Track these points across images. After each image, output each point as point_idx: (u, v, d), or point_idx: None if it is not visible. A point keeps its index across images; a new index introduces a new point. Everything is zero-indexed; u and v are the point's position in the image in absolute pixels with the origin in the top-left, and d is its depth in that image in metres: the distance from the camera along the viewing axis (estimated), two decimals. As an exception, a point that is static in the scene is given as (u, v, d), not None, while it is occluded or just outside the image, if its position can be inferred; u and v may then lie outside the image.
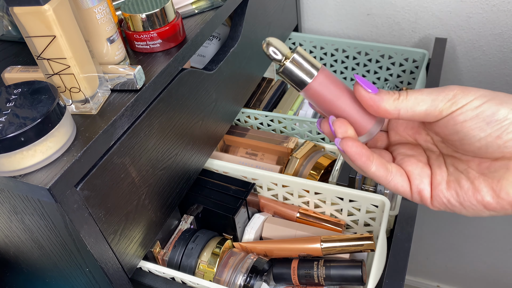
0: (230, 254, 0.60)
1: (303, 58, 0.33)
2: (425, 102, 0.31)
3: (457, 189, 0.32)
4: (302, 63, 0.33)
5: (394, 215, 0.60)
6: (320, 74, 0.33)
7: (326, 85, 0.33)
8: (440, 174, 0.34)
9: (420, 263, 1.39)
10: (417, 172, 0.34)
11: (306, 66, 0.33)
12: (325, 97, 0.33)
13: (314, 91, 0.33)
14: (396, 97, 0.32)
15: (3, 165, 0.37)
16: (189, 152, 0.58)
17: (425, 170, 0.34)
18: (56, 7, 0.37)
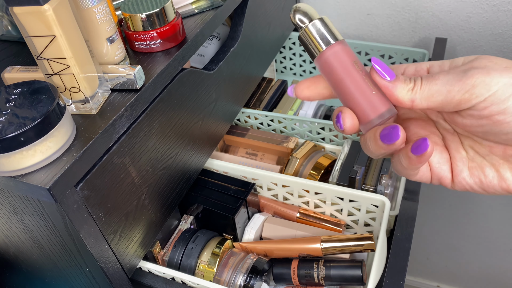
0: (230, 254, 0.60)
1: (325, 26, 0.31)
2: (439, 93, 0.28)
3: (481, 177, 0.30)
4: (323, 30, 0.31)
5: (394, 215, 0.60)
6: (337, 44, 0.31)
7: (340, 57, 0.31)
8: (460, 160, 0.31)
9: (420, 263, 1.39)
10: (436, 159, 0.32)
11: (326, 34, 0.31)
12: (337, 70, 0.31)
13: (326, 61, 0.31)
14: (411, 86, 0.29)
15: (3, 165, 0.37)
16: (189, 152, 0.58)
17: (443, 155, 0.32)
18: (56, 7, 0.36)
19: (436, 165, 0.32)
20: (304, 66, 0.96)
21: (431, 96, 0.28)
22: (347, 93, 0.31)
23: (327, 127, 0.72)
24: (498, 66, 0.27)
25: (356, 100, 0.31)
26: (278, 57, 0.97)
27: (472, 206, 1.12)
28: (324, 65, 0.31)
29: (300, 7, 0.32)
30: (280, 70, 0.99)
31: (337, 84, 0.31)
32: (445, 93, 0.28)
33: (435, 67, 0.32)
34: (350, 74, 0.30)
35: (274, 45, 0.82)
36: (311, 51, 0.32)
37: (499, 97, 0.26)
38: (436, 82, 0.28)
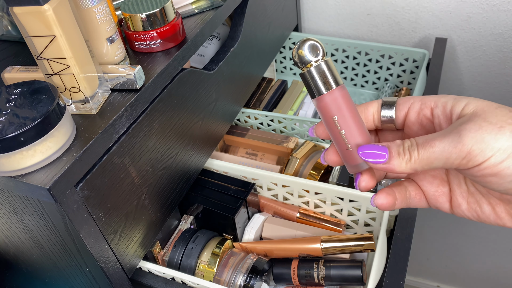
0: (230, 254, 0.60)
1: (329, 69, 0.32)
2: (439, 160, 0.29)
3: (478, 211, 0.32)
4: (326, 72, 0.32)
5: (394, 215, 0.60)
6: (338, 89, 0.32)
7: (325, 109, 0.32)
8: (460, 195, 0.33)
9: (420, 263, 1.39)
10: (431, 192, 0.34)
11: (329, 77, 0.32)
12: (323, 117, 0.33)
13: (325, 104, 0.33)
14: (407, 158, 0.30)
15: (3, 165, 0.37)
16: (189, 152, 0.58)
17: (441, 188, 0.34)
18: (56, 7, 0.36)
19: (431, 197, 0.34)
20: (304, 66, 0.96)
21: (431, 163, 0.29)
22: (332, 139, 0.34)
23: (327, 127, 0.72)
24: (493, 127, 0.28)
25: (338, 148, 0.34)
26: (278, 57, 0.97)
27: (472, 206, 1.12)
28: (317, 109, 0.33)
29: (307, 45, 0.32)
30: (280, 70, 0.99)
31: (326, 128, 0.34)
32: (444, 160, 0.29)
33: (438, 110, 0.32)
34: (331, 126, 0.33)
35: (274, 45, 0.82)
36: (310, 91, 0.33)
37: (493, 162, 0.27)
38: (434, 151, 0.29)
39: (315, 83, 0.32)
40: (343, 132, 0.32)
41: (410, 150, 0.30)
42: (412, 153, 0.30)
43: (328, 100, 0.32)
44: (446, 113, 0.31)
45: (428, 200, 0.34)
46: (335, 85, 0.32)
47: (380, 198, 0.34)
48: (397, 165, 0.30)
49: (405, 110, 0.34)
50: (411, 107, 0.33)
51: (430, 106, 0.33)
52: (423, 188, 0.35)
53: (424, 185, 0.34)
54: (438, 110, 0.32)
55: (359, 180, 0.33)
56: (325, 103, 0.32)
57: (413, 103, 0.33)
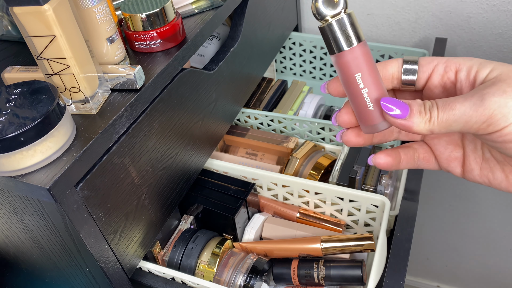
0: (230, 254, 0.60)
1: (352, 23, 0.30)
2: (458, 123, 0.28)
3: (490, 177, 0.32)
4: (348, 27, 0.30)
5: (394, 215, 0.60)
6: (362, 45, 0.30)
7: (348, 66, 0.30)
8: (474, 160, 0.32)
9: (420, 263, 1.39)
10: (444, 156, 0.33)
11: (352, 32, 0.30)
12: (344, 76, 0.31)
13: (337, 64, 0.31)
14: (427, 118, 0.29)
15: (3, 165, 0.37)
16: (189, 152, 0.58)
17: (454, 153, 0.33)
18: (56, 7, 0.36)
19: (443, 160, 0.33)
20: (304, 66, 0.96)
21: (449, 125, 0.28)
22: (350, 98, 0.32)
23: (327, 127, 0.72)
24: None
25: (355, 108, 0.32)
26: (278, 57, 0.97)
27: (472, 206, 1.12)
28: (336, 65, 0.32)
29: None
30: (280, 70, 0.99)
31: (344, 86, 0.32)
32: (463, 123, 0.28)
33: (462, 74, 0.31)
34: (351, 84, 0.31)
35: (274, 45, 0.82)
36: (330, 47, 0.31)
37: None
38: (454, 113, 0.28)
39: (335, 39, 0.30)
40: (365, 90, 0.31)
41: (430, 110, 0.29)
42: (432, 113, 0.29)
43: (352, 56, 0.30)
44: (469, 78, 0.31)
45: (440, 163, 0.34)
46: (358, 41, 0.30)
47: (379, 158, 0.33)
48: (416, 123, 0.29)
49: (428, 71, 0.32)
50: (435, 69, 0.32)
51: (455, 68, 0.31)
52: (435, 152, 0.34)
53: (438, 149, 0.34)
54: (462, 73, 0.31)
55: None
56: (348, 59, 0.30)
57: (438, 65, 0.32)
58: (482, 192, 1.08)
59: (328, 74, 0.94)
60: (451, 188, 1.10)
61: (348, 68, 0.30)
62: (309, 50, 0.93)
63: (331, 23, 0.30)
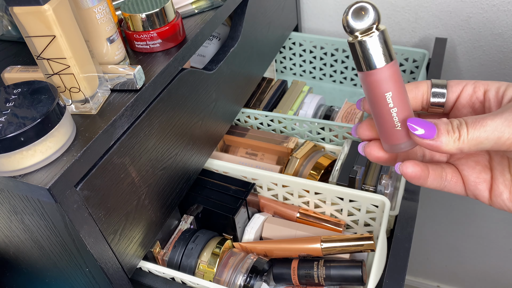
0: (230, 254, 0.60)
1: (385, 41, 0.29)
2: (489, 140, 0.27)
3: None
4: (380, 45, 0.28)
5: (394, 215, 0.60)
6: (394, 64, 0.29)
7: (393, 78, 0.29)
8: (503, 183, 0.31)
9: (420, 263, 1.39)
10: (472, 179, 0.32)
11: (384, 50, 0.29)
12: (371, 94, 0.30)
13: (378, 79, 0.29)
14: (456, 137, 0.28)
15: (3, 165, 0.37)
16: (189, 152, 0.58)
17: (483, 175, 0.32)
18: (56, 7, 0.36)
19: (471, 183, 0.32)
20: (304, 66, 0.96)
21: (480, 143, 0.28)
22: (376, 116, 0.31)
23: (327, 127, 0.72)
24: None
25: (380, 126, 0.31)
26: (278, 57, 0.97)
27: (472, 206, 1.12)
28: (364, 83, 0.31)
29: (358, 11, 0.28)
30: (280, 70, 0.99)
31: (370, 104, 0.31)
32: (495, 140, 0.27)
33: (491, 93, 0.31)
34: (380, 103, 0.30)
35: (274, 45, 0.82)
36: (358, 64, 0.30)
37: None
38: (485, 129, 0.27)
39: (366, 56, 0.29)
40: (395, 110, 0.30)
41: (459, 129, 0.28)
42: (462, 132, 0.28)
43: (383, 75, 0.29)
44: (498, 97, 0.30)
45: (467, 187, 0.32)
46: (391, 59, 0.29)
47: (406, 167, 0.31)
48: (445, 143, 0.28)
49: (457, 92, 0.32)
50: (464, 89, 0.32)
51: (484, 88, 0.31)
52: (463, 173, 0.33)
53: (465, 170, 0.33)
54: (491, 93, 0.31)
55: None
56: (379, 78, 0.29)
57: (466, 86, 0.32)
58: (482, 192, 1.07)
59: (328, 74, 0.94)
60: (451, 188, 1.10)
61: (378, 87, 0.30)
62: (309, 50, 0.93)
63: (363, 41, 0.28)
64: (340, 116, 0.78)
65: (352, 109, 0.78)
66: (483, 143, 0.28)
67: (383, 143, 0.32)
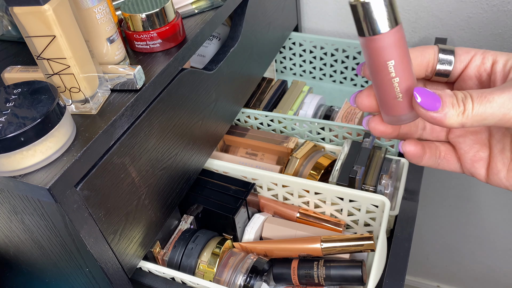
0: (230, 254, 0.60)
1: (390, 3, 0.26)
2: (494, 116, 0.26)
3: None
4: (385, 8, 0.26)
5: (394, 215, 0.60)
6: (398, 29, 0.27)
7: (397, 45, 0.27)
8: (501, 161, 0.30)
9: (420, 263, 1.39)
10: (468, 156, 0.31)
11: (388, 14, 0.26)
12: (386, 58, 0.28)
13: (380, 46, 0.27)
14: (461, 110, 0.27)
15: (3, 165, 0.37)
16: (189, 152, 0.58)
17: (480, 154, 0.31)
18: (56, 7, 0.36)
19: (468, 161, 0.32)
20: (304, 66, 0.96)
21: (485, 119, 0.27)
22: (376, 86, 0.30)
23: (327, 127, 0.72)
24: None
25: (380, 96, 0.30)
26: (278, 57, 0.97)
27: (472, 206, 1.12)
28: (365, 49, 0.29)
29: None
30: (280, 70, 0.99)
31: (371, 72, 0.29)
32: (501, 116, 0.26)
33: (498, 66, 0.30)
34: (381, 71, 0.28)
35: (274, 45, 0.82)
36: (360, 28, 0.28)
37: None
38: (491, 105, 0.26)
39: (369, 20, 0.26)
40: (396, 79, 0.28)
41: (464, 103, 0.27)
42: (467, 105, 0.27)
43: (386, 42, 0.27)
44: (505, 71, 0.29)
45: (463, 164, 0.32)
46: (395, 24, 0.27)
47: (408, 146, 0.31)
48: (449, 116, 0.27)
49: (465, 61, 0.31)
50: (472, 59, 0.30)
51: (492, 59, 0.30)
52: (460, 152, 0.32)
53: (462, 148, 0.32)
54: (498, 65, 0.30)
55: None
56: (381, 45, 0.27)
57: (475, 55, 0.30)
58: (482, 192, 1.08)
59: (328, 74, 0.94)
60: (451, 188, 1.10)
61: (380, 54, 0.27)
62: (309, 50, 0.93)
63: (366, 2, 0.26)
64: (340, 116, 0.78)
65: (352, 109, 0.78)
66: (488, 119, 0.27)
67: (383, 114, 0.31)
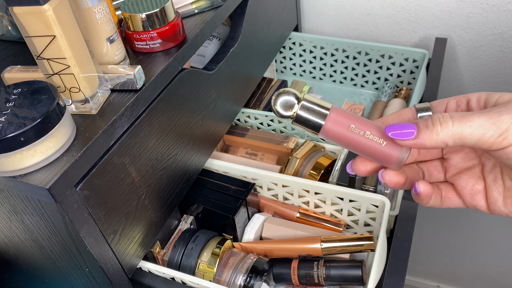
0: (230, 254, 0.60)
1: (312, 103, 0.33)
2: (473, 136, 0.29)
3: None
4: (312, 107, 0.33)
5: (394, 215, 0.60)
6: (331, 113, 0.33)
7: (340, 122, 0.33)
8: (496, 190, 0.33)
9: (420, 263, 1.39)
10: (467, 191, 0.34)
11: (317, 109, 0.33)
12: (343, 135, 0.33)
13: (330, 131, 0.33)
14: (437, 130, 0.29)
15: (3, 165, 0.37)
16: (189, 152, 0.58)
17: (477, 186, 0.34)
18: (56, 7, 0.36)
19: (467, 195, 0.34)
20: (304, 66, 0.96)
21: (464, 138, 0.29)
22: (364, 147, 0.33)
23: (327, 127, 0.72)
24: None
25: (371, 155, 0.33)
26: (278, 57, 0.97)
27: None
28: (327, 138, 0.33)
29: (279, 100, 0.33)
30: (280, 70, 0.99)
31: (348, 147, 0.33)
32: (479, 136, 0.29)
33: (473, 102, 0.33)
34: (353, 139, 0.32)
35: (274, 45, 0.82)
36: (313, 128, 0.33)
37: None
38: (471, 125, 0.29)
39: (310, 122, 0.33)
40: (368, 133, 0.32)
41: (441, 121, 0.29)
42: (444, 124, 0.29)
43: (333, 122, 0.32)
44: (480, 105, 0.32)
45: (464, 199, 0.35)
46: (327, 110, 0.33)
47: (422, 186, 0.33)
48: (427, 138, 0.29)
49: (442, 110, 0.34)
50: (448, 105, 0.34)
51: (465, 100, 0.33)
52: (458, 188, 0.35)
53: (460, 184, 0.35)
54: (472, 102, 0.33)
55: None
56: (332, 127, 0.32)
57: (449, 102, 0.34)
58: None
59: (328, 74, 0.94)
60: (451, 188, 1.10)
61: (338, 132, 0.32)
62: (309, 50, 0.93)
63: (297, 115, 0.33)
64: (340, 116, 0.78)
65: (352, 109, 0.78)
66: (467, 138, 0.29)
67: (388, 166, 0.34)
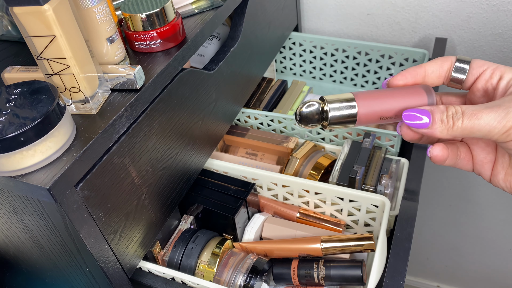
0: (230, 254, 0.60)
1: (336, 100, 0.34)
2: (480, 132, 0.31)
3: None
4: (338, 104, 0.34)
5: (394, 215, 0.60)
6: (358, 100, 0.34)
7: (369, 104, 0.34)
8: (501, 164, 0.35)
9: (420, 263, 1.39)
10: (480, 158, 0.36)
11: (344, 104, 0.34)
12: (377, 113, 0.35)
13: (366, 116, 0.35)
14: (450, 126, 0.31)
15: (3, 165, 0.37)
16: (189, 152, 0.58)
17: (489, 156, 0.35)
18: (56, 7, 0.36)
19: (478, 162, 0.36)
20: (304, 66, 0.96)
21: (472, 133, 0.31)
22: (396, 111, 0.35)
23: (327, 127, 0.72)
24: None
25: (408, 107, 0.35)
26: (278, 57, 0.97)
27: (472, 206, 1.12)
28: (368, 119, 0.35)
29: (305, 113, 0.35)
30: (280, 70, 0.99)
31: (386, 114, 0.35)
32: (486, 132, 0.31)
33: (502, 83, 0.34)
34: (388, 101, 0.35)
35: (274, 45, 0.82)
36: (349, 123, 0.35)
37: None
38: (479, 122, 0.31)
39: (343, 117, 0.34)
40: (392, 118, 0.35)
41: (454, 118, 0.31)
42: (456, 122, 0.31)
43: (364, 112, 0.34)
44: (507, 87, 0.33)
45: (474, 165, 0.36)
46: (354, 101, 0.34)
47: (435, 150, 0.35)
48: (439, 131, 0.32)
49: (476, 75, 0.35)
50: (483, 73, 0.35)
51: (499, 75, 0.34)
52: (473, 153, 0.36)
53: (475, 150, 0.36)
54: (502, 82, 0.34)
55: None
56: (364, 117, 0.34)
57: (486, 70, 0.35)
58: (482, 192, 1.08)
59: (328, 74, 0.94)
60: (451, 188, 1.10)
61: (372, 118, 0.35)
62: (309, 50, 0.93)
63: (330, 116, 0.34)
64: (340, 116, 0.78)
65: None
66: (475, 133, 0.31)
67: None
